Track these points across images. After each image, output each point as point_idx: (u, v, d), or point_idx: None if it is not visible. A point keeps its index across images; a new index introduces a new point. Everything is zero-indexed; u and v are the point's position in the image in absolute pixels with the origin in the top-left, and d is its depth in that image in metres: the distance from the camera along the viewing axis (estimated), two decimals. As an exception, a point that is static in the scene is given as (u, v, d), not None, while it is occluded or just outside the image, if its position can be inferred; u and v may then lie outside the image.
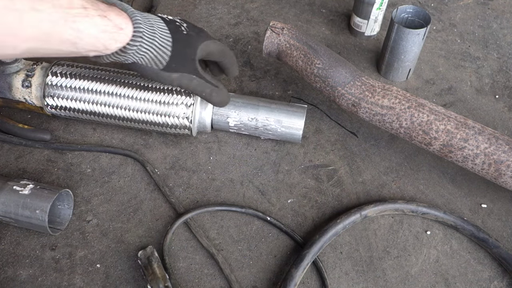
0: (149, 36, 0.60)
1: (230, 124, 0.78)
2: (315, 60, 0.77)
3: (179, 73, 0.64)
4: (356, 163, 0.81)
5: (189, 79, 0.65)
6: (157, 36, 0.61)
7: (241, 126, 0.78)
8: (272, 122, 0.77)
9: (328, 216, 0.74)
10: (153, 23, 0.61)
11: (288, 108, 0.78)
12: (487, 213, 0.75)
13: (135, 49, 0.60)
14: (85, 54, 0.57)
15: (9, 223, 0.68)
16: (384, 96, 0.74)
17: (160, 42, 0.61)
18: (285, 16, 1.06)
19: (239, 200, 0.76)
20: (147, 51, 0.61)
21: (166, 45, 0.62)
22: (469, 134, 0.69)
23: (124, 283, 0.66)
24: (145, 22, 0.60)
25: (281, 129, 0.78)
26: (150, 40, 0.60)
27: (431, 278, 0.68)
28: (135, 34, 0.59)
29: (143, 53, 0.61)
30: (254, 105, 0.78)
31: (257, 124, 0.78)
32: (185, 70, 0.64)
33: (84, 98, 0.76)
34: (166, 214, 0.73)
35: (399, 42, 0.85)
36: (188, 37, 0.65)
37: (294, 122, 0.77)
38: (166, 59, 0.63)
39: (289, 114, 0.77)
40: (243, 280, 0.67)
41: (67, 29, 0.52)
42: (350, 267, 0.69)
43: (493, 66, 0.98)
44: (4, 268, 0.67)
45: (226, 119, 0.78)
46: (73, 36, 0.53)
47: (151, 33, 0.60)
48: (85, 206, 0.74)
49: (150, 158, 0.80)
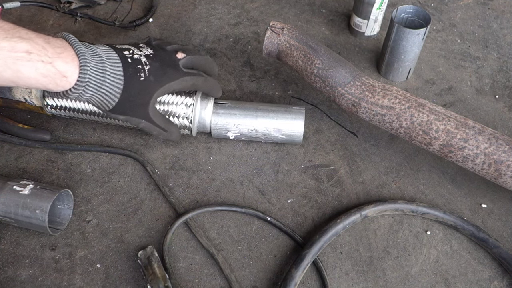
0: (95, 85, 0.62)
1: (230, 137, 0.79)
2: (315, 60, 0.77)
3: (126, 116, 0.67)
4: (356, 163, 0.81)
5: (136, 122, 0.68)
6: (106, 83, 0.63)
7: (241, 136, 0.79)
8: (272, 131, 0.78)
9: (328, 216, 0.74)
10: (107, 68, 0.63)
11: (286, 114, 0.77)
12: (487, 213, 0.75)
13: (77, 95, 0.62)
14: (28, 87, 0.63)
15: (9, 223, 0.68)
16: (384, 96, 0.74)
17: (107, 89, 0.64)
18: (285, 16, 1.06)
19: (239, 200, 0.76)
20: (92, 96, 0.64)
21: (115, 93, 0.65)
22: (469, 134, 0.69)
23: (124, 283, 0.66)
24: (96, 70, 0.62)
25: (281, 137, 0.78)
26: (96, 88, 0.63)
27: (431, 278, 0.68)
28: (78, 83, 0.61)
29: (88, 96, 0.64)
30: (252, 115, 0.77)
31: (257, 134, 0.78)
32: (133, 114, 0.67)
33: (84, 98, 0.76)
34: (166, 214, 0.73)
35: (399, 42, 0.85)
36: (145, 83, 0.66)
37: (294, 128, 0.77)
38: (112, 104, 0.65)
39: (288, 121, 0.77)
40: (243, 280, 0.67)
41: (6, 69, 0.56)
42: (350, 267, 0.69)
43: (493, 66, 0.98)
44: (4, 268, 0.67)
45: (226, 133, 0.78)
46: (12, 76, 0.56)
47: (99, 81, 0.63)
48: (85, 206, 0.74)
49: (150, 158, 0.80)
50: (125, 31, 1.01)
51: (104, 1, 1.07)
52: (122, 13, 1.05)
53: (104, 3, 1.07)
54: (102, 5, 1.06)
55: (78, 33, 1.00)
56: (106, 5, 1.07)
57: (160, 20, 1.04)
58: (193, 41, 1.00)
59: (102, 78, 0.63)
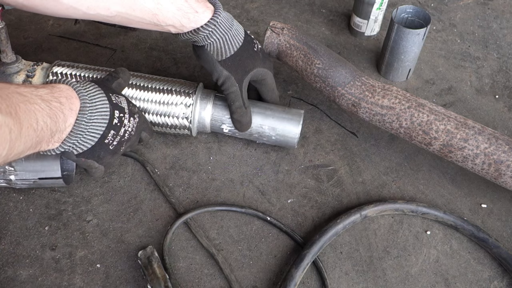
0: (222, 29, 0.68)
1: (225, 130, 0.78)
2: (315, 60, 0.77)
3: (229, 73, 0.71)
4: (356, 163, 0.81)
5: (232, 83, 0.72)
6: (231, 32, 0.70)
7: (235, 131, 0.78)
8: (266, 129, 0.77)
9: (328, 216, 0.74)
10: (233, 23, 0.71)
11: (283, 114, 0.77)
12: (487, 213, 0.75)
13: (206, 33, 0.67)
14: (166, 29, 0.67)
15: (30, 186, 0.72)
16: (384, 96, 0.74)
17: (230, 38, 0.70)
18: (285, 16, 1.06)
19: (239, 200, 0.76)
20: (216, 40, 0.69)
21: (234, 45, 0.71)
22: (469, 134, 0.69)
23: (124, 283, 0.66)
24: (225, 18, 0.69)
25: (275, 137, 0.77)
26: (222, 33, 0.69)
27: (431, 278, 0.68)
28: (211, 20, 0.67)
29: (212, 40, 0.68)
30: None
31: (251, 131, 0.77)
32: (235, 75, 0.72)
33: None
34: (166, 214, 0.73)
35: (399, 42, 0.85)
36: (255, 54, 0.74)
37: (289, 129, 0.76)
38: (227, 55, 0.70)
39: (284, 122, 0.76)
40: (243, 280, 0.67)
41: (148, 0, 0.63)
42: (350, 267, 0.69)
43: (493, 66, 0.98)
44: (4, 268, 0.67)
45: (220, 125, 0.78)
46: (153, 7, 0.64)
47: (226, 28, 0.69)
48: (85, 206, 0.74)
49: (150, 158, 0.80)
50: (125, 31, 1.01)
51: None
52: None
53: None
54: None
55: (78, 33, 1.00)
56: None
57: (160, 20, 1.04)
58: (193, 41, 1.00)
59: (230, 24, 0.70)
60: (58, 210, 0.73)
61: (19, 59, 0.77)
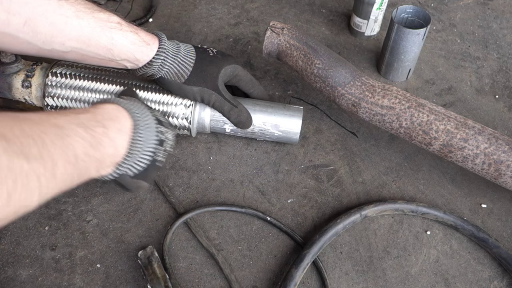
0: (172, 53, 0.71)
1: (227, 130, 0.78)
2: (315, 60, 0.77)
3: (199, 86, 0.72)
4: (356, 163, 0.81)
5: (208, 94, 0.73)
6: (181, 53, 0.72)
7: (237, 130, 0.78)
8: (269, 127, 0.77)
9: (328, 216, 0.74)
10: (180, 45, 0.73)
11: (284, 111, 0.77)
12: (487, 213, 0.75)
13: (159, 62, 0.69)
14: (121, 64, 0.69)
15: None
16: (384, 96, 0.74)
17: (183, 58, 0.72)
18: (285, 16, 1.06)
19: (239, 200, 0.76)
20: (170, 65, 0.71)
21: (189, 61, 0.72)
22: (469, 134, 0.69)
23: (124, 283, 0.66)
24: (171, 43, 0.71)
25: (278, 133, 0.78)
26: (173, 56, 0.71)
27: (431, 278, 0.68)
28: (160, 49, 0.69)
29: (167, 67, 0.70)
30: (250, 109, 0.77)
31: (254, 129, 0.78)
32: (206, 85, 0.73)
33: (84, 98, 0.76)
34: (166, 214, 0.73)
35: (399, 42, 0.85)
36: (213, 58, 0.75)
37: (291, 125, 0.77)
38: (187, 73, 0.72)
39: (286, 118, 0.77)
40: (243, 280, 0.67)
41: (103, 36, 0.64)
42: (350, 267, 0.69)
43: (493, 66, 0.98)
44: (4, 268, 0.67)
45: (222, 125, 0.78)
46: (108, 43, 0.65)
47: (175, 51, 0.71)
48: (85, 206, 0.74)
49: (150, 158, 0.80)
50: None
51: (104, 1, 1.07)
52: (122, 13, 1.05)
53: (104, 3, 1.07)
54: (102, 5, 1.06)
55: (78, 33, 1.00)
56: (106, 5, 1.07)
57: (160, 20, 1.04)
58: (193, 41, 1.00)
59: (177, 49, 0.72)
60: (58, 210, 0.73)
61: (18, 59, 0.77)
